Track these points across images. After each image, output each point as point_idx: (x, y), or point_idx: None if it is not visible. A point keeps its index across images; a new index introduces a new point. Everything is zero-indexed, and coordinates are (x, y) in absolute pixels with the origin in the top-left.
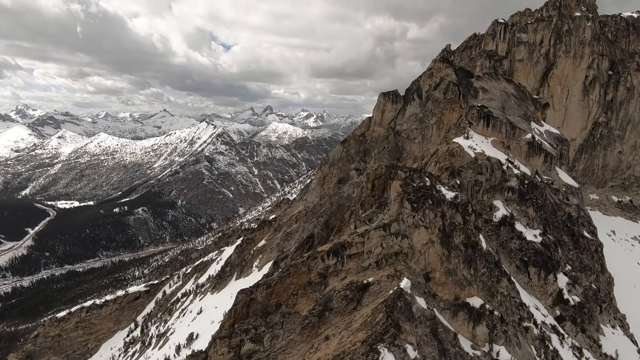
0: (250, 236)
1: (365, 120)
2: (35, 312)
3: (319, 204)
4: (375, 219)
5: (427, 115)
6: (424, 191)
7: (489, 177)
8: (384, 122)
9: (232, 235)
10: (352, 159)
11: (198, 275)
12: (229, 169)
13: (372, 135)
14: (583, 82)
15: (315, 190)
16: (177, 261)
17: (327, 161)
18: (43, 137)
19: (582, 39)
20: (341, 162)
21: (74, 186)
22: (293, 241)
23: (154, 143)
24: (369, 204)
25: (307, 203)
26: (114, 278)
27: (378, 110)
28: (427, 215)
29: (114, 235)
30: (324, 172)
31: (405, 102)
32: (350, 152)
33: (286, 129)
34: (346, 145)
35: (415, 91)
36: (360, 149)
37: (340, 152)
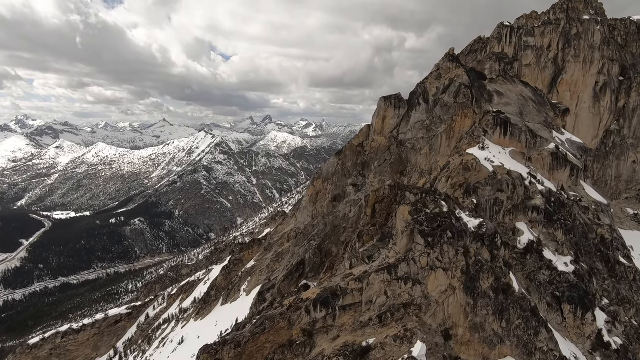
0: (238, 256)
1: (363, 129)
2: (24, 328)
3: (310, 224)
4: (377, 255)
5: (435, 122)
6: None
7: (510, 195)
8: (385, 131)
9: (225, 250)
10: (348, 173)
11: (184, 296)
12: (227, 179)
13: (371, 145)
14: (593, 88)
15: (307, 209)
16: (166, 277)
17: (321, 175)
18: (41, 147)
19: (591, 43)
20: (336, 176)
21: (71, 196)
22: (282, 266)
23: (152, 153)
24: (368, 235)
25: (298, 223)
26: (107, 292)
27: (378, 117)
28: (445, 252)
29: (110, 246)
30: (316, 188)
31: (410, 108)
32: (347, 165)
33: (285, 138)
34: (342, 157)
35: (421, 95)
36: (358, 162)
37: (335, 165)
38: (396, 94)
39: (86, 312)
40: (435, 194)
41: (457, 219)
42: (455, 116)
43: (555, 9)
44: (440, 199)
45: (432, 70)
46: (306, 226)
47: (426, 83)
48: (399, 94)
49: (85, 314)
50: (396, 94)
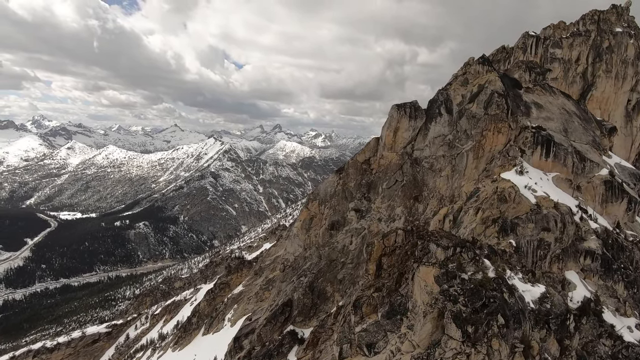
0: (225, 279)
1: (371, 142)
2: (19, 330)
3: (302, 256)
4: (383, 344)
5: (459, 138)
6: (486, 294)
7: (559, 236)
8: (397, 146)
9: (220, 264)
10: (350, 196)
11: (167, 317)
12: (234, 186)
13: (379, 162)
14: (625, 107)
15: (298, 237)
16: (158, 290)
17: (317, 197)
18: (53, 147)
19: (624, 58)
20: (336, 199)
21: (79, 197)
22: (266, 305)
23: (161, 157)
24: (369, 304)
25: (287, 254)
26: (104, 297)
27: (389, 129)
28: (495, 352)
29: (113, 249)
30: (311, 211)
31: (429, 119)
32: (349, 185)
33: (294, 148)
34: (343, 175)
35: (443, 104)
36: (362, 182)
37: (334, 184)
38: (412, 101)
39: (81, 317)
40: (474, 247)
41: (509, 291)
42: (486, 131)
43: (585, 20)
44: (483, 255)
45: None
46: (296, 258)
47: (449, 89)
48: (415, 101)
49: (80, 320)
50: (412, 101)
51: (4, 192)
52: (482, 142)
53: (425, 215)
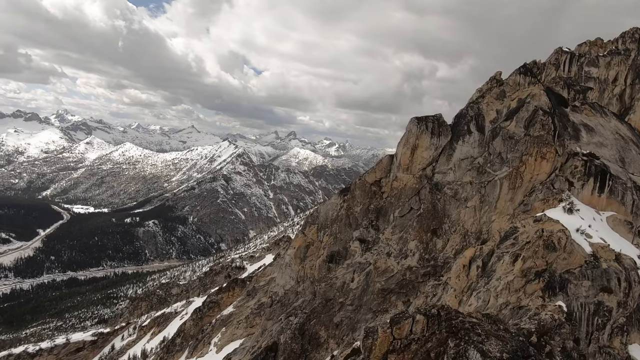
0: (215, 298)
1: (383, 160)
2: (21, 322)
3: (293, 290)
4: None
5: (491, 162)
6: None
7: (622, 299)
8: (415, 167)
9: (220, 273)
10: (355, 222)
11: (156, 330)
12: (245, 190)
13: (392, 185)
14: None
15: (291, 266)
16: (154, 296)
17: (316, 220)
18: (73, 141)
19: None
20: (338, 224)
21: (93, 192)
22: (249, 342)
23: (175, 157)
24: None
25: (276, 286)
26: (106, 294)
27: (407, 146)
28: None
29: (121, 245)
30: (307, 237)
31: (455, 137)
32: (354, 209)
33: (307, 155)
34: (348, 197)
35: (474, 119)
36: (370, 207)
37: (337, 207)
38: (435, 115)
39: (81, 313)
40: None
41: None
42: (527, 156)
43: (625, 38)
44: None
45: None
46: (287, 292)
47: (482, 103)
48: (439, 115)
49: (80, 316)
50: (435, 115)
51: (22, 182)
52: (521, 170)
53: (444, 254)
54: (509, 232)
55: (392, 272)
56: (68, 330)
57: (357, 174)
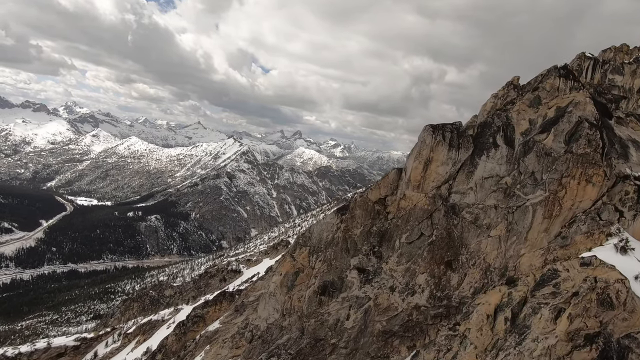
0: (200, 312)
1: (389, 175)
2: (18, 313)
3: (277, 325)
4: None
5: (522, 183)
6: None
7: None
8: (428, 184)
9: (215, 276)
10: (354, 247)
11: (140, 339)
12: (248, 188)
13: (399, 204)
14: None
15: (276, 296)
16: (146, 297)
17: (308, 242)
18: (80, 133)
19: None
20: (333, 249)
21: (97, 184)
22: None
23: (180, 152)
24: None
25: (257, 318)
26: (104, 289)
27: (418, 159)
28: None
29: (123, 239)
30: (297, 262)
31: (478, 150)
32: (353, 232)
33: (312, 156)
34: (347, 217)
35: (501, 130)
36: (372, 229)
37: (333, 228)
38: (454, 123)
39: (78, 307)
40: None
41: None
42: (568, 178)
43: None
44: None
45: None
46: (270, 326)
47: (511, 111)
48: (459, 123)
49: (76, 310)
50: (454, 123)
51: (28, 172)
52: (560, 194)
53: (460, 292)
54: (548, 275)
55: (396, 311)
56: (63, 324)
57: (362, 176)
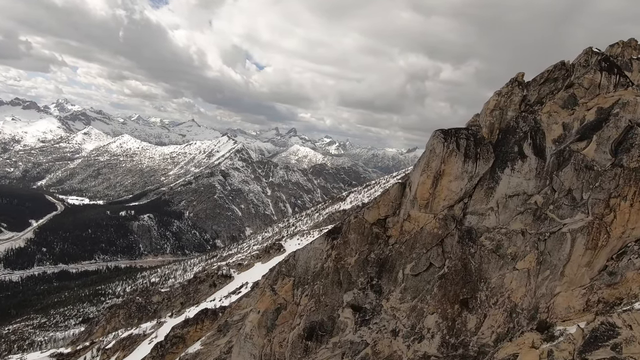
0: (180, 332)
1: (391, 190)
2: (5, 316)
3: None
4: None
5: (557, 203)
6: None
7: None
8: (438, 203)
9: (205, 281)
10: (347, 280)
11: (120, 355)
12: (242, 186)
13: (402, 227)
14: None
15: (252, 339)
16: (133, 303)
17: (292, 271)
18: (71, 131)
19: None
20: (322, 281)
21: (89, 183)
22: None
23: (173, 150)
24: None
25: None
26: (95, 291)
27: (427, 172)
28: None
29: (115, 239)
30: (278, 297)
31: (499, 162)
32: (346, 260)
33: (307, 153)
34: (339, 243)
35: (528, 137)
36: (370, 257)
37: (322, 256)
38: (470, 128)
39: (67, 310)
40: None
41: None
42: (617, 197)
43: None
44: None
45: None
46: None
47: (540, 112)
48: (476, 129)
49: (65, 313)
50: (470, 128)
51: (18, 171)
52: (607, 219)
53: (479, 338)
54: (602, 332)
55: None
56: (50, 328)
57: (357, 174)
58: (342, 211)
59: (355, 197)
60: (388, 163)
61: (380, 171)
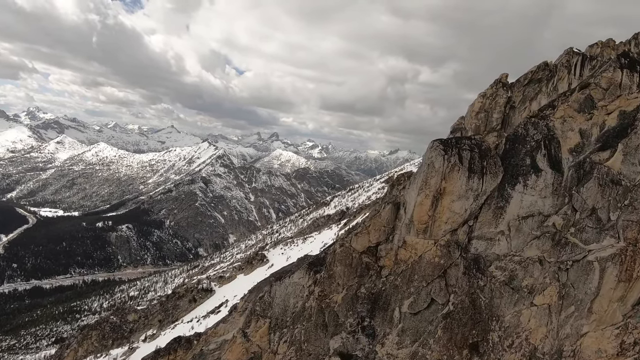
0: None
1: (382, 212)
2: None
3: None
4: None
5: (580, 225)
6: None
7: None
8: (439, 226)
9: (184, 296)
10: (334, 320)
11: None
12: (225, 193)
13: (397, 255)
14: None
15: None
16: (107, 324)
17: (267, 311)
18: (43, 140)
19: None
20: (302, 323)
21: (62, 194)
22: None
23: (152, 158)
24: None
25: None
26: (69, 308)
27: (425, 190)
28: None
29: (92, 251)
30: (252, 344)
31: (509, 176)
32: (332, 298)
33: (289, 157)
34: (322, 277)
35: (542, 146)
36: (360, 291)
37: (302, 292)
38: (473, 137)
39: (39, 330)
40: None
41: None
42: None
43: (638, 40)
44: None
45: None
46: None
47: (552, 117)
48: (480, 139)
49: (37, 333)
50: (473, 137)
51: None
52: None
53: None
54: None
55: None
56: (20, 351)
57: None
58: (327, 216)
59: (339, 201)
60: (371, 165)
61: (363, 173)
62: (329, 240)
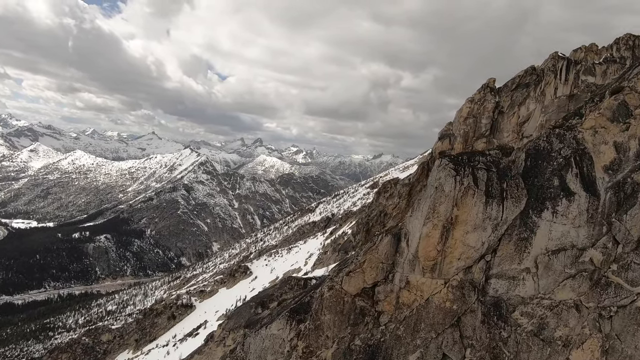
0: None
1: (381, 246)
2: None
3: None
4: None
5: (623, 260)
6: None
7: None
8: (450, 263)
9: (162, 314)
10: None
11: None
12: (208, 200)
13: (398, 297)
14: None
15: None
16: (78, 345)
17: None
18: (15, 148)
19: None
20: None
21: (36, 204)
22: None
23: (132, 166)
24: None
25: None
26: (42, 325)
27: (433, 220)
28: None
29: (68, 263)
30: None
31: (534, 201)
32: (320, 353)
33: (274, 163)
34: (307, 328)
35: (573, 165)
36: (354, 343)
37: (283, 347)
38: (489, 153)
39: (9, 351)
40: None
41: None
42: None
43: (620, 45)
44: None
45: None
46: None
47: (580, 128)
48: (498, 154)
49: (6, 354)
50: (489, 153)
51: None
52: None
53: None
54: None
55: None
56: None
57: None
58: (312, 223)
59: (324, 207)
60: (355, 170)
61: (348, 178)
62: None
